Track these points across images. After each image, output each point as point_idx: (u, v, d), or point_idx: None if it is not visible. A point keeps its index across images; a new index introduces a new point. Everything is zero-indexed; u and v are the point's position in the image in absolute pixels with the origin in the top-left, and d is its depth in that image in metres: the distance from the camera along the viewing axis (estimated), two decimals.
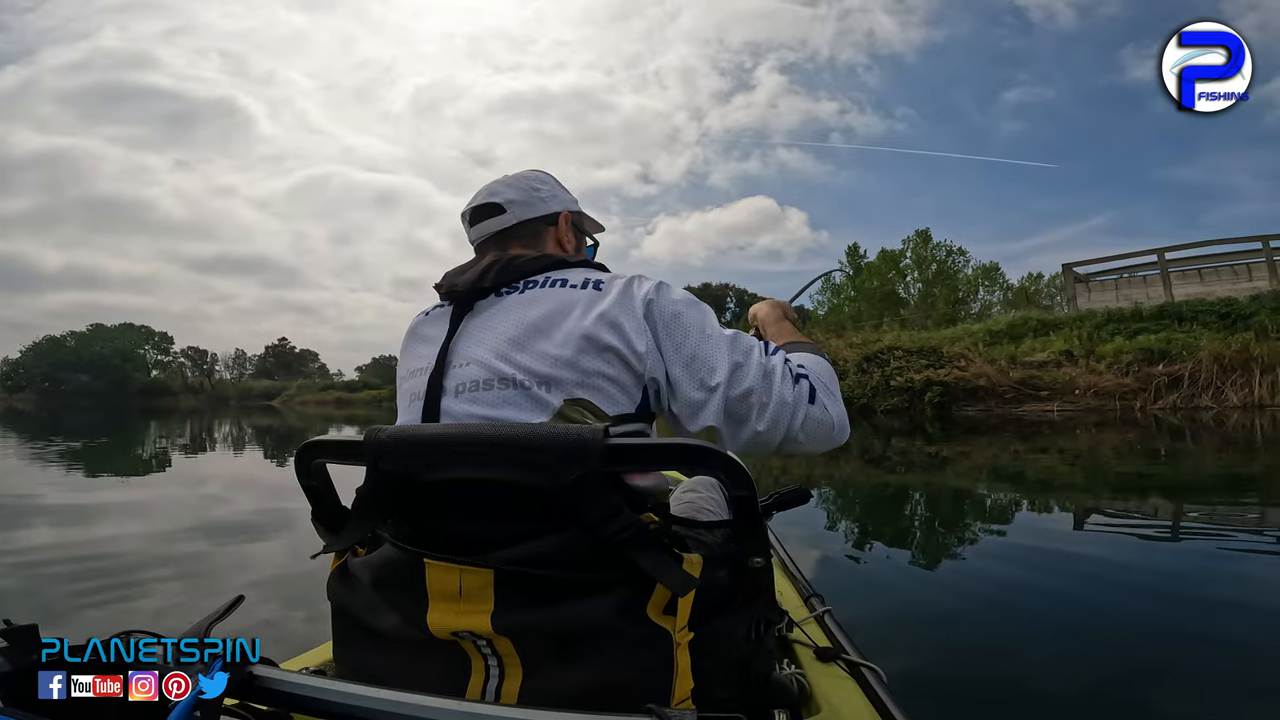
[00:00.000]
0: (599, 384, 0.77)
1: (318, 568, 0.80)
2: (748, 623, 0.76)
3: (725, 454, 0.63)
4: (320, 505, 0.79)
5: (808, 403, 0.82)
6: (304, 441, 0.75)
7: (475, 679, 0.66)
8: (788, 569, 1.54)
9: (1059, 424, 10.23)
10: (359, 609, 0.72)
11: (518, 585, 0.64)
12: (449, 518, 0.69)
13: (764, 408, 0.80)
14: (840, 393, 0.89)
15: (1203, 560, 2.97)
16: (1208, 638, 2.05)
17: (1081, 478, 5.51)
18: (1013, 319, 16.27)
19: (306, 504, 0.81)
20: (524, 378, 0.77)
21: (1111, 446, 7.50)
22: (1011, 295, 29.15)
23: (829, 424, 0.83)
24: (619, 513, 0.62)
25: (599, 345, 0.78)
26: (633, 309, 0.81)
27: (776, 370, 0.82)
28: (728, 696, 0.75)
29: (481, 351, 0.81)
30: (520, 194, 0.99)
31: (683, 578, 0.63)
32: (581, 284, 0.85)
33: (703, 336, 0.82)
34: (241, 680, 0.57)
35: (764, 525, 0.72)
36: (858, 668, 0.98)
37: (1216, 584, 2.60)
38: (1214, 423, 9.39)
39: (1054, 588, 2.64)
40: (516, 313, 0.83)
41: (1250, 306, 12.99)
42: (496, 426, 0.68)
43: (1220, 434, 8.31)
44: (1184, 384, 11.56)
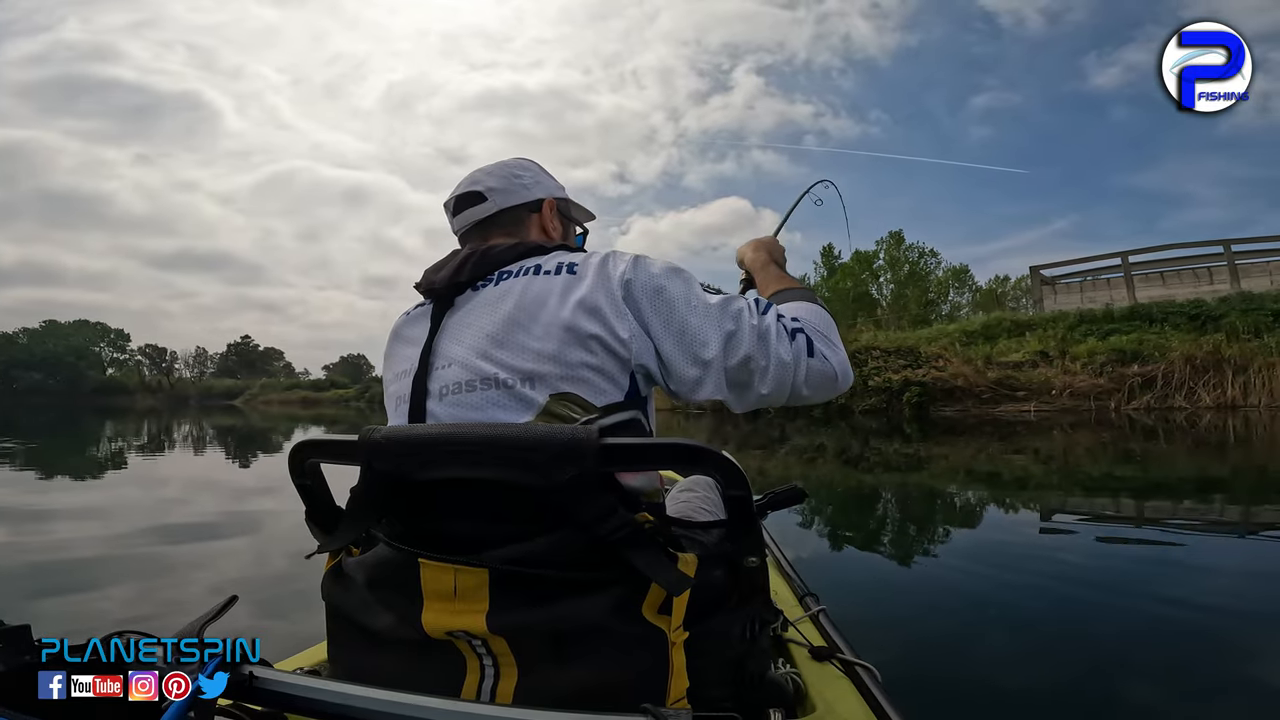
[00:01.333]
0: (584, 375, 0.75)
1: (285, 571, 0.78)
2: (743, 622, 0.76)
3: (720, 454, 0.63)
4: (315, 505, 0.78)
5: (807, 357, 0.81)
6: (297, 441, 0.74)
7: (470, 679, 0.65)
8: (783, 568, 1.53)
9: (1035, 424, 10.32)
10: (354, 609, 0.71)
11: (512, 585, 0.64)
12: (443, 517, 0.68)
13: (765, 371, 0.79)
14: (839, 337, 0.88)
15: (1194, 561, 2.98)
16: (1201, 638, 2.06)
17: (1066, 479, 5.52)
18: (988, 319, 16.49)
19: (271, 505, 0.86)
20: (506, 376, 0.75)
21: (1086, 448, 7.54)
22: (979, 297, 29.65)
23: (831, 374, 0.83)
24: (614, 512, 0.62)
25: (581, 334, 0.76)
26: (611, 291, 0.78)
27: (771, 330, 0.81)
28: (723, 696, 0.74)
29: (461, 351, 0.80)
30: (501, 181, 0.97)
31: (677, 577, 0.63)
32: (555, 269, 0.82)
33: (689, 308, 0.80)
34: (238, 680, 0.57)
35: (759, 525, 0.71)
36: (852, 667, 0.98)
37: (1210, 585, 2.62)
38: (1187, 423, 9.51)
39: (1046, 587, 2.64)
40: (493, 307, 0.81)
41: (1219, 308, 13.26)
42: (490, 426, 0.68)
43: (1193, 435, 8.42)
44: (1157, 384, 11.73)
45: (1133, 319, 13.86)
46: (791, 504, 0.83)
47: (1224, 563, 2.94)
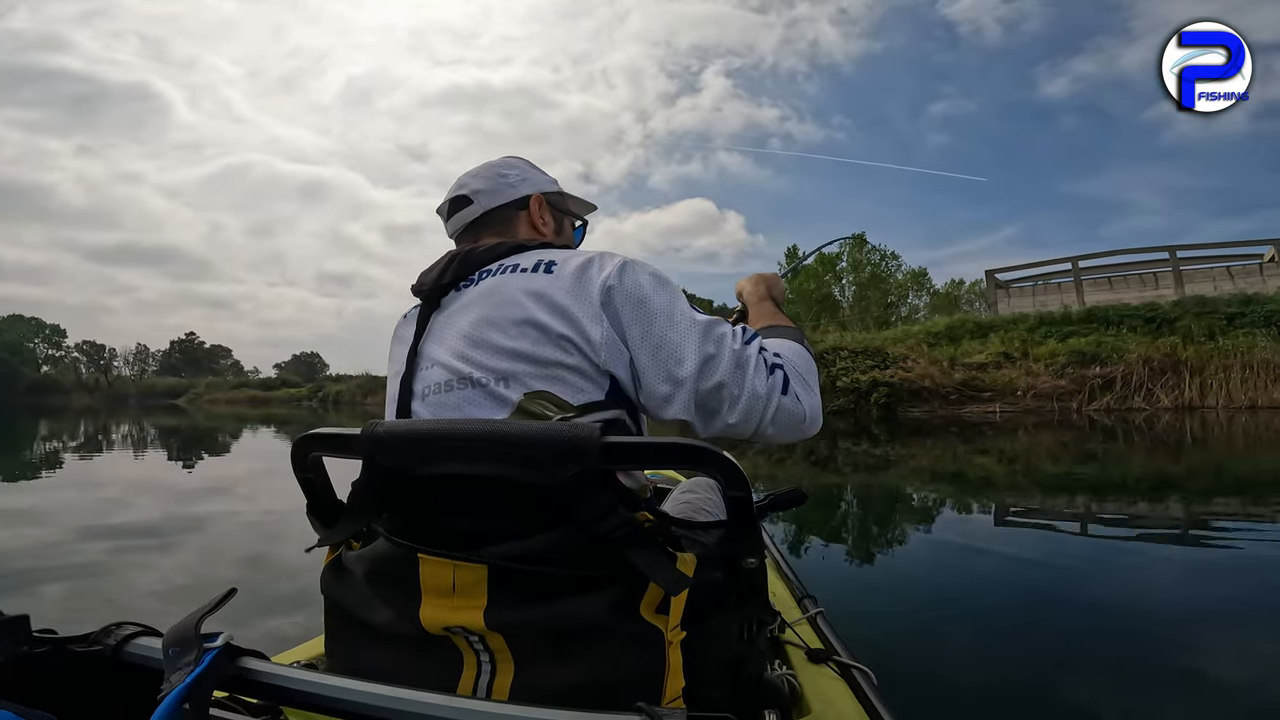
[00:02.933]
0: (559, 374, 0.75)
1: (233, 575, 0.93)
2: (740, 623, 0.75)
3: (722, 454, 0.63)
4: (316, 499, 0.78)
5: (780, 394, 0.79)
6: (301, 434, 0.74)
7: (467, 674, 0.65)
8: (781, 570, 1.54)
9: (1000, 425, 10.49)
10: (352, 603, 0.71)
11: (511, 581, 0.64)
12: (443, 513, 0.68)
13: (735, 400, 0.77)
14: (817, 383, 0.87)
15: (1197, 565, 2.99)
16: (1200, 641, 2.06)
17: (1050, 483, 5.56)
18: (951, 320, 16.85)
19: (219, 508, 1.20)
20: (481, 375, 0.76)
21: (1049, 449, 7.66)
22: (936, 299, 30.26)
23: (800, 416, 0.81)
24: (614, 511, 0.62)
25: (552, 334, 0.75)
26: (588, 295, 0.77)
27: (750, 361, 0.79)
28: (719, 696, 0.74)
29: (442, 351, 0.81)
30: (486, 182, 0.99)
31: (676, 576, 0.63)
32: (533, 266, 0.81)
33: (670, 323, 0.78)
34: (232, 673, 0.57)
35: (758, 526, 0.71)
36: (848, 669, 0.98)
37: (1213, 589, 2.62)
38: (1145, 424, 9.78)
39: (1042, 591, 2.65)
40: (471, 307, 0.82)
41: (1174, 311, 13.75)
42: (492, 422, 0.67)
43: (1151, 435, 8.65)
44: (1116, 386, 12.13)
45: (1090, 321, 14.28)
46: (792, 505, 0.81)
47: (1219, 565, 2.94)
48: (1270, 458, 6.59)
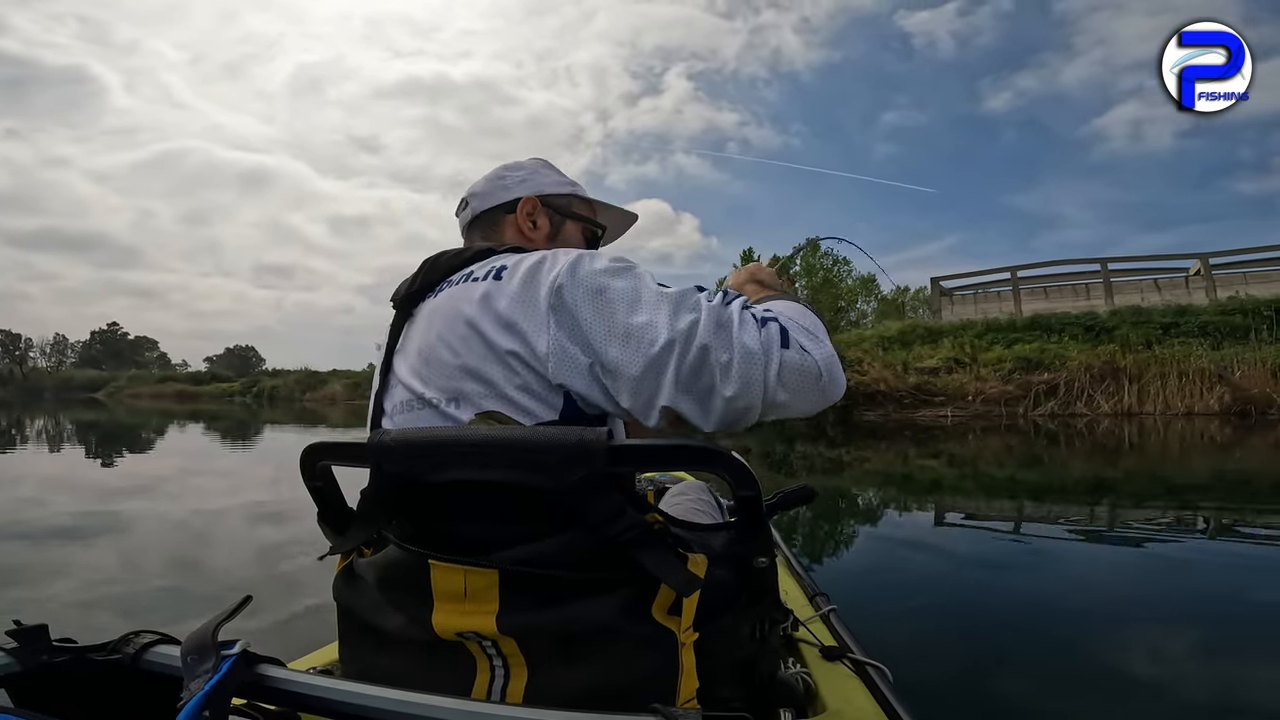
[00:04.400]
0: (508, 393, 0.70)
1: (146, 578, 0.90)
2: (752, 622, 0.75)
3: (730, 454, 0.62)
4: (326, 507, 0.78)
5: (780, 347, 0.66)
6: (309, 445, 0.74)
7: (480, 679, 0.65)
8: (792, 568, 1.53)
9: (951, 429, 10.67)
10: (364, 609, 0.72)
11: (522, 586, 0.64)
12: (453, 519, 0.68)
13: (727, 366, 0.65)
14: (828, 337, 0.73)
15: (1206, 567, 3.02)
16: (1208, 642, 2.08)
17: (1046, 484, 5.64)
18: (903, 325, 17.17)
19: (142, 507, 1.22)
20: (433, 395, 0.74)
21: (994, 452, 7.87)
22: (882, 305, 30.98)
23: (812, 370, 0.67)
24: (623, 513, 0.62)
25: (498, 350, 0.71)
26: (535, 302, 0.71)
27: (734, 317, 0.67)
28: (732, 696, 0.74)
29: (404, 369, 0.79)
30: (486, 185, 0.99)
31: (687, 578, 0.63)
32: (485, 274, 0.76)
33: (636, 305, 0.69)
34: (250, 680, 0.57)
35: (768, 525, 0.70)
36: (863, 667, 0.97)
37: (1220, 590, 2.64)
38: (1086, 429, 10.04)
39: (1057, 587, 2.66)
40: (430, 321, 0.79)
41: (1111, 320, 14.25)
42: (499, 428, 0.67)
43: (1091, 440, 8.87)
44: (1060, 392, 12.47)
45: (1033, 328, 14.74)
46: (801, 504, 0.79)
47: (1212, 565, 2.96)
48: (1204, 462, 6.86)
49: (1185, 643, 2.05)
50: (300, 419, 19.17)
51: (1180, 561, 3.00)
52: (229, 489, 5.63)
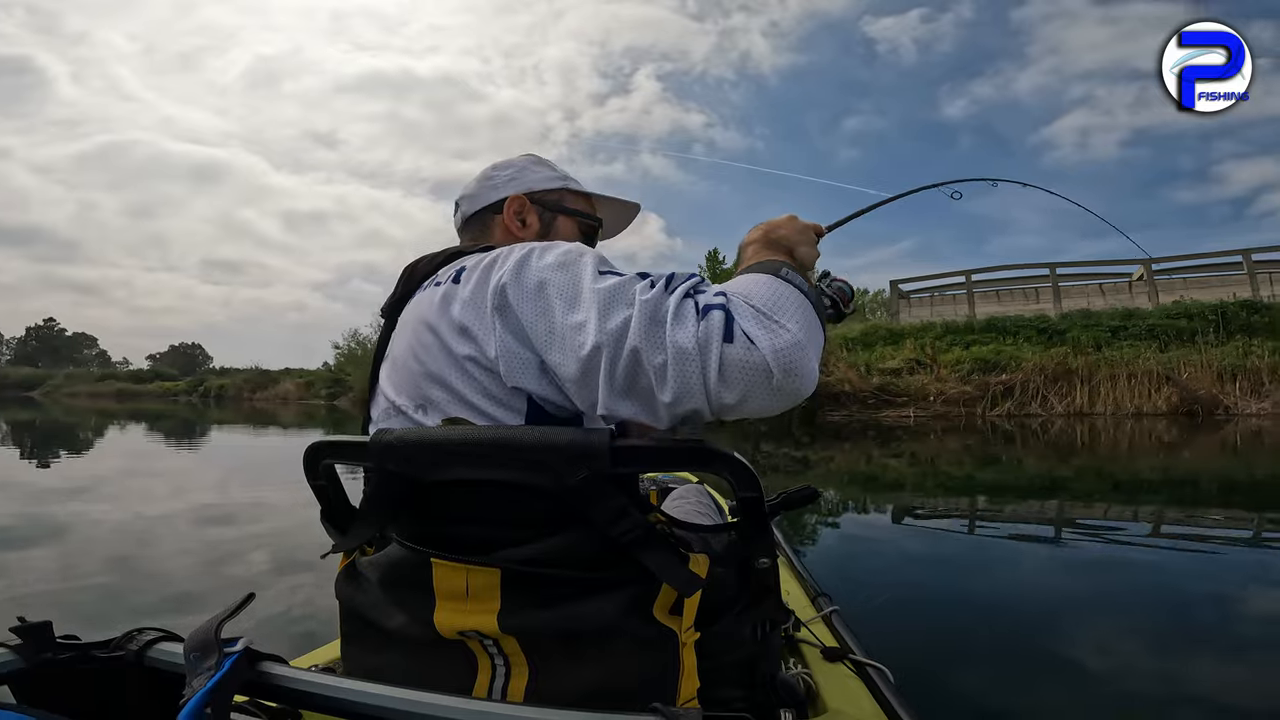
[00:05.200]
0: (471, 399, 0.69)
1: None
2: (754, 623, 0.75)
3: (733, 455, 0.61)
4: (329, 505, 0.78)
5: (720, 341, 0.57)
6: (312, 443, 0.74)
7: (482, 678, 0.65)
8: (794, 568, 1.53)
9: (914, 429, 10.86)
10: (367, 608, 0.71)
11: (524, 585, 0.64)
12: (456, 518, 0.68)
13: (662, 369, 0.57)
14: (797, 315, 0.61)
15: (1215, 569, 3.01)
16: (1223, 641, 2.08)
17: (1039, 483, 5.70)
18: (865, 327, 17.50)
19: (81, 509, 1.13)
20: (404, 402, 0.73)
21: (953, 452, 8.04)
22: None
23: (758, 365, 0.57)
24: (626, 513, 0.61)
25: (456, 357, 0.69)
26: (482, 302, 0.68)
27: (669, 311, 0.59)
28: (734, 697, 0.74)
29: (383, 378, 0.79)
30: (475, 187, 0.97)
31: (689, 578, 0.63)
32: (446, 278, 0.75)
33: (572, 304, 0.63)
34: (252, 677, 0.57)
35: (770, 525, 0.70)
36: (864, 668, 0.98)
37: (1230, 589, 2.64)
38: (1041, 429, 10.30)
39: (1057, 587, 2.66)
40: (401, 329, 0.79)
41: (1063, 323, 14.70)
42: (502, 428, 0.67)
43: (1046, 439, 9.09)
44: (1016, 392, 12.82)
45: (990, 330, 15.09)
46: (804, 504, 0.78)
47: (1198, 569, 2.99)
48: (1149, 461, 7.12)
49: (1189, 646, 2.05)
50: (250, 419, 18.65)
51: (1183, 564, 3.01)
52: (172, 491, 5.46)
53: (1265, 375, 11.58)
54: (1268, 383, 11.50)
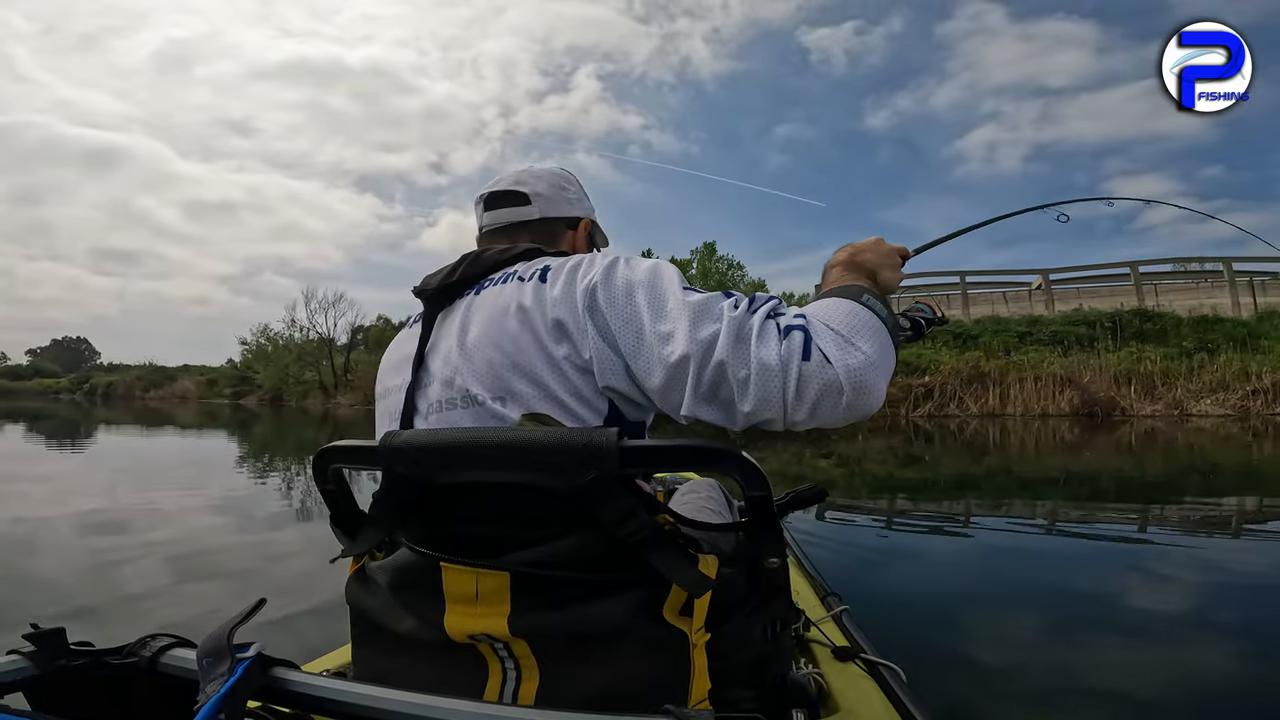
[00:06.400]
0: (560, 396, 0.71)
1: None
2: (764, 623, 0.75)
3: (741, 455, 0.61)
4: (338, 510, 0.78)
5: (800, 359, 0.63)
6: (320, 448, 0.74)
7: (493, 681, 0.65)
8: (804, 568, 1.52)
9: (842, 430, 11.02)
10: (377, 612, 0.71)
11: (534, 587, 0.64)
12: (465, 521, 0.68)
13: (745, 383, 0.63)
14: (873, 339, 0.66)
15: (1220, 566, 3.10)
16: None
17: (1026, 481, 5.86)
18: None
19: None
20: (479, 392, 0.73)
21: (877, 451, 8.35)
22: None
23: (833, 383, 0.62)
24: (634, 514, 0.61)
25: (551, 354, 0.71)
26: (574, 304, 0.71)
27: (754, 330, 0.64)
28: (745, 697, 0.74)
29: (442, 366, 0.78)
30: (550, 189, 0.96)
31: (698, 578, 0.63)
32: (529, 275, 0.77)
33: (659, 314, 0.68)
34: (265, 683, 0.57)
35: (780, 525, 0.70)
36: (876, 667, 0.97)
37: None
38: (958, 429, 10.90)
39: (1069, 586, 2.65)
40: (473, 318, 0.78)
41: (975, 328, 15.49)
42: (509, 430, 0.67)
43: (962, 439, 9.62)
44: (935, 394, 13.55)
45: None
46: (812, 504, 0.77)
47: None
48: (1058, 459, 7.58)
49: (1191, 642, 2.05)
50: (141, 419, 17.35)
51: (1193, 563, 3.04)
52: (53, 496, 5.08)
53: (1157, 379, 12.59)
54: (1159, 386, 12.49)
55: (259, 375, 33.70)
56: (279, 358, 32.82)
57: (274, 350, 33.57)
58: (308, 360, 32.12)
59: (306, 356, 32.29)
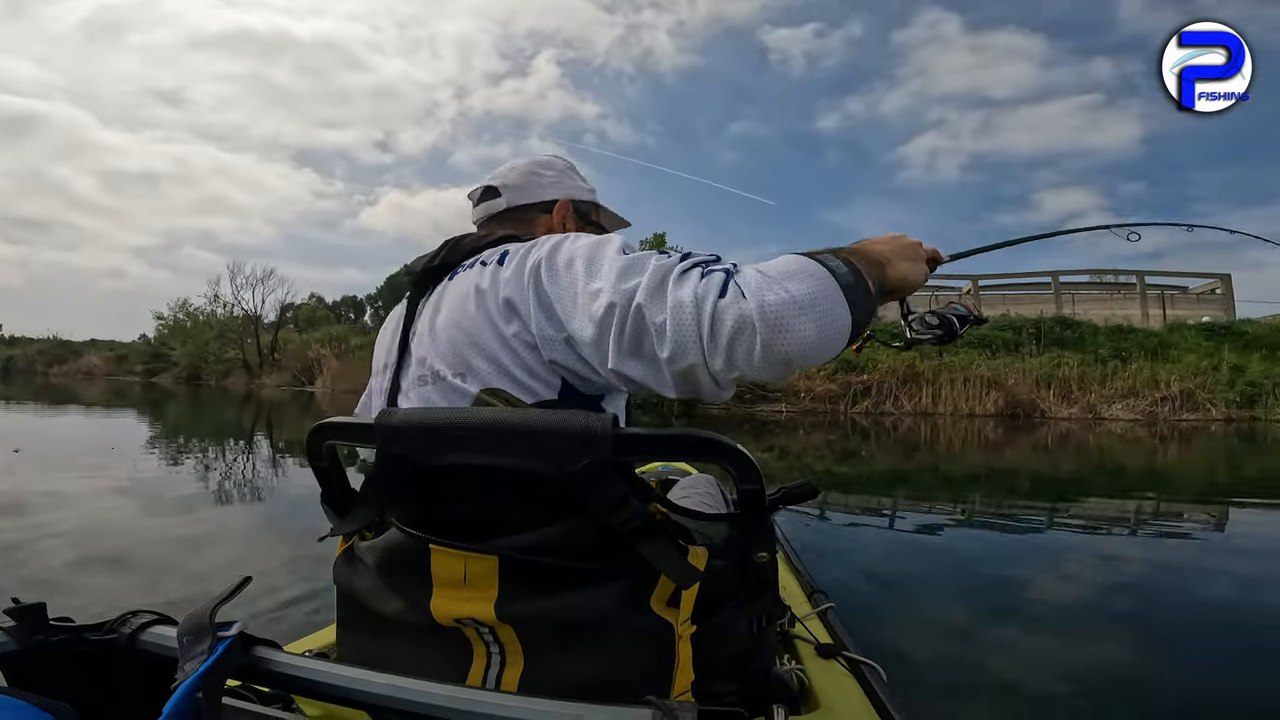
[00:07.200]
0: (514, 373, 0.72)
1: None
2: (750, 617, 0.75)
3: (735, 446, 0.61)
4: (330, 488, 0.77)
5: (716, 297, 0.58)
6: (315, 424, 0.73)
7: (476, 665, 0.65)
8: (791, 564, 1.53)
9: (785, 424, 11.52)
10: (364, 593, 0.71)
11: (522, 573, 0.64)
12: (455, 503, 0.68)
13: (662, 327, 0.59)
14: (807, 282, 0.59)
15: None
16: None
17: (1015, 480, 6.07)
18: None
19: None
20: (443, 369, 0.76)
21: (817, 446, 8.53)
22: None
23: (746, 318, 0.57)
24: (626, 502, 0.61)
25: (502, 333, 0.73)
26: (522, 282, 0.72)
27: (674, 274, 0.62)
28: (727, 691, 0.74)
29: (417, 345, 0.81)
30: (520, 178, 0.99)
31: (687, 570, 0.63)
32: (491, 260, 0.78)
33: (593, 275, 0.66)
34: (246, 662, 0.57)
35: (770, 519, 0.71)
36: (858, 665, 0.98)
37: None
38: (892, 426, 11.36)
39: (1051, 587, 2.70)
40: (444, 300, 0.81)
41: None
42: (507, 412, 0.67)
43: (896, 436, 10.04)
44: (873, 392, 14.01)
45: None
46: (804, 499, 0.76)
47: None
48: (985, 456, 8.04)
49: (1201, 640, 2.06)
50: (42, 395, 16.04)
51: (1192, 561, 3.09)
52: None
53: (1074, 384, 13.27)
54: (1076, 390, 13.18)
55: (175, 352, 31.78)
56: (198, 334, 31.03)
57: (193, 326, 31.81)
58: (230, 337, 30.41)
59: (229, 334, 30.55)
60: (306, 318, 34.08)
